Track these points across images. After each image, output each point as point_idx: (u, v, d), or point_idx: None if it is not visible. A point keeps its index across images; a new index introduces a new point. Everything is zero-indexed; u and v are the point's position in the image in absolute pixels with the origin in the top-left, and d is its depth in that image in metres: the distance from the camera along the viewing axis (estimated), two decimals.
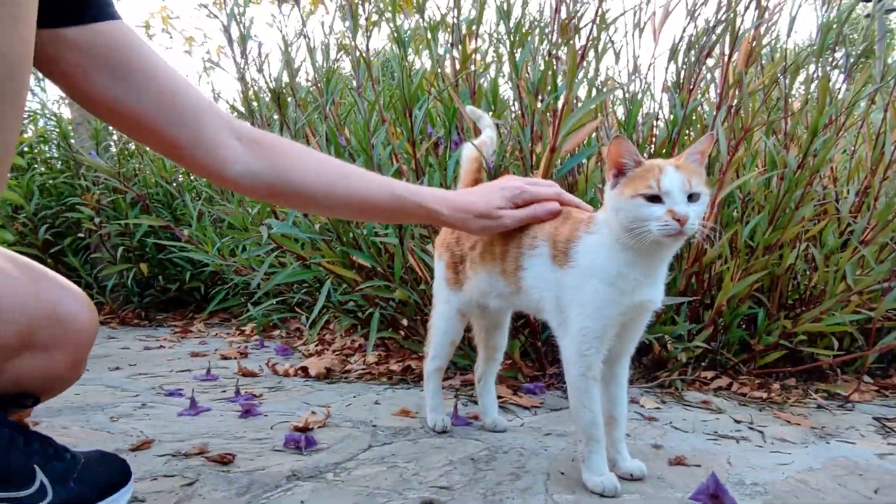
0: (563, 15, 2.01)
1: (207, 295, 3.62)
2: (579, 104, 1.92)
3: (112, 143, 3.99)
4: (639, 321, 1.08)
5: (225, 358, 2.36)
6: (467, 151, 1.41)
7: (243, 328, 3.17)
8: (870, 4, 3.02)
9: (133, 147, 4.11)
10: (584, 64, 2.23)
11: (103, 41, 0.82)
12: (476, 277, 1.25)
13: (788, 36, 2.15)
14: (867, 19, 2.57)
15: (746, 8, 1.81)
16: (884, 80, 1.98)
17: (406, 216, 1.15)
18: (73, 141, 3.88)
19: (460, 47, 2.08)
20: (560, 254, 1.07)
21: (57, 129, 3.96)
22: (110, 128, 4.06)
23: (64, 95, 4.25)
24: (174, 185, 3.79)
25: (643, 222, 0.95)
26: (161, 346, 2.70)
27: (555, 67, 1.84)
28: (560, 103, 1.62)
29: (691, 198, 0.95)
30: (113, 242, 3.66)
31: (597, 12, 1.89)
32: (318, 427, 1.38)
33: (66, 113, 4.47)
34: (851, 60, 2.00)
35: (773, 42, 2.20)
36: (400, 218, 1.17)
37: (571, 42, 1.50)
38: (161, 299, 3.78)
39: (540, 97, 1.93)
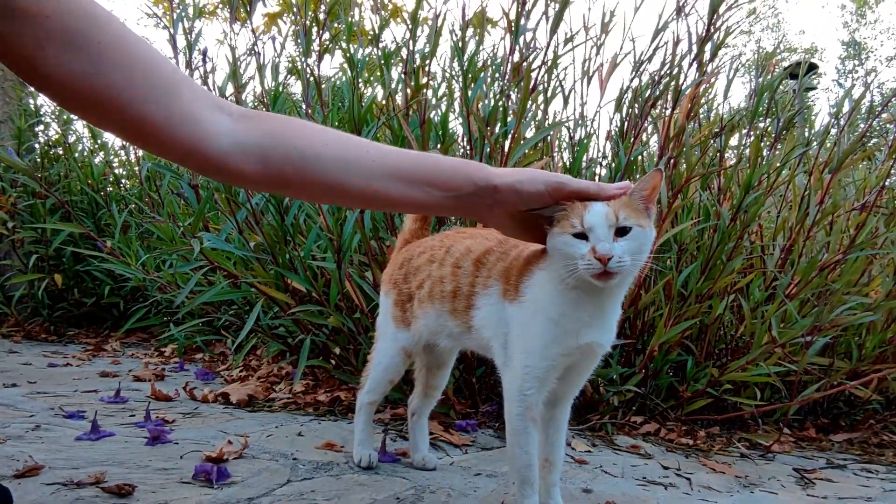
0: (517, 57, 2.06)
1: (127, 311, 3.40)
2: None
3: (37, 146, 3.75)
4: (585, 364, 1.05)
5: (139, 379, 2.20)
6: None
7: (163, 349, 2.98)
8: (792, 82, 3.27)
9: (59, 151, 3.87)
10: (534, 107, 2.29)
11: (60, 7, 0.69)
12: (425, 317, 1.20)
13: (725, 98, 2.28)
14: (793, 93, 2.76)
15: (690, 65, 1.90)
16: (808, 145, 2.11)
17: (445, 185, 0.90)
18: None
19: (413, 79, 2.07)
20: (511, 288, 1.03)
21: None
22: (36, 128, 3.83)
23: None
24: (101, 194, 3.58)
25: (571, 260, 0.92)
26: (68, 364, 2.49)
27: (506, 105, 1.86)
28: (509, 139, 1.63)
29: (621, 232, 0.91)
30: (26, 250, 3.40)
31: (545, 57, 1.94)
32: (234, 458, 1.28)
33: None
34: (781, 124, 2.12)
35: (710, 101, 2.32)
36: (438, 189, 0.90)
37: (526, 75, 1.52)
38: (74, 314, 3.52)
39: (489, 131, 1.95)
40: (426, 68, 2.04)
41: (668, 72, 1.97)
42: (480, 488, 1.24)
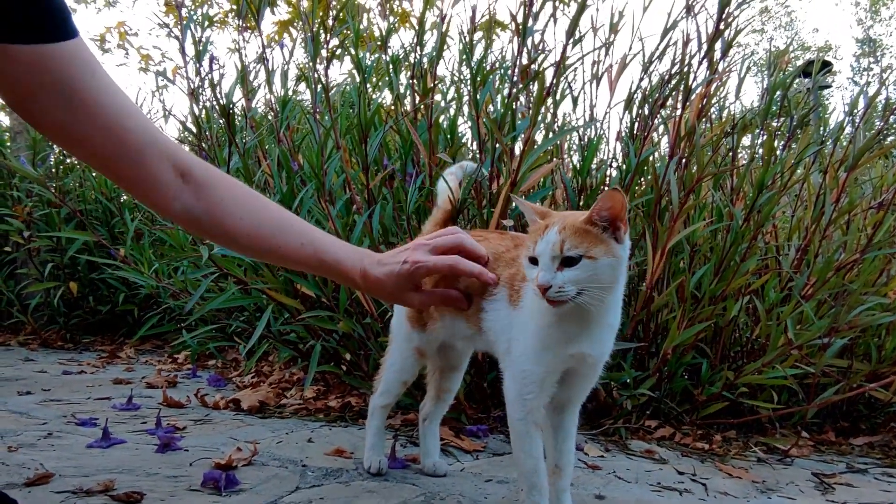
0: (525, 60, 2.04)
1: (141, 319, 3.42)
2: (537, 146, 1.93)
3: (51, 156, 3.80)
4: (583, 371, 1.03)
5: (151, 386, 2.21)
6: (442, 195, 1.43)
7: (176, 356, 3.00)
8: (806, 80, 3.22)
9: (74, 161, 3.92)
10: (543, 109, 2.27)
11: (58, 65, 0.77)
12: (441, 319, 1.21)
13: (737, 97, 2.25)
14: (807, 93, 2.72)
15: (700, 63, 1.88)
16: (823, 143, 2.08)
17: (328, 276, 1.27)
18: (9, 148, 3.67)
19: (421, 83, 2.07)
20: (514, 293, 1.05)
21: None
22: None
23: (3, 103, 4.06)
24: (115, 202, 3.62)
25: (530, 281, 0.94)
26: (82, 372, 2.51)
27: (514, 107, 1.85)
28: (522, 138, 1.62)
29: (568, 262, 0.90)
30: (42, 258, 3.44)
31: (555, 59, 1.93)
32: (243, 465, 1.28)
33: (6, 121, 4.26)
34: (794, 122, 2.08)
35: (721, 101, 2.29)
36: (323, 274, 1.35)
37: (539, 79, 1.51)
38: (89, 321, 3.55)
39: (500, 135, 1.93)
40: (433, 71, 2.04)
41: (679, 70, 1.95)
42: (491, 494, 1.22)
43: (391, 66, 2.14)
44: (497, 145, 1.78)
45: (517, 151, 1.90)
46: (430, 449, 1.36)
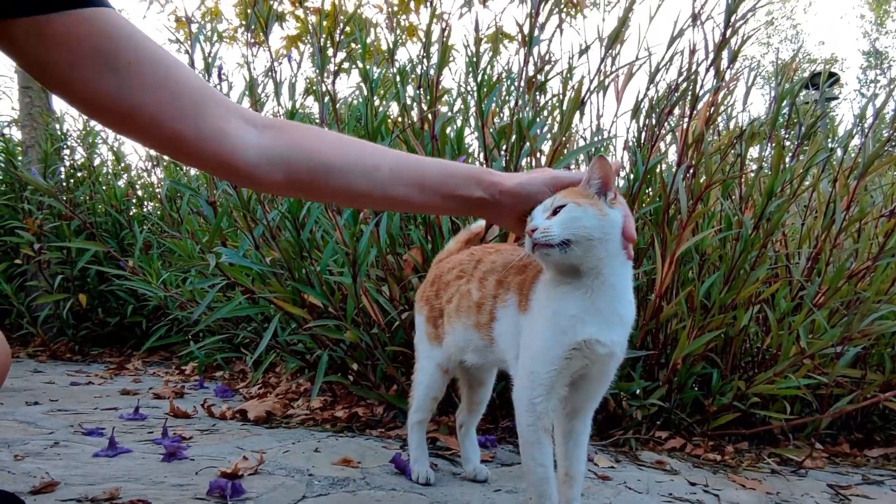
0: (531, 71, 2.05)
1: (149, 331, 3.43)
2: (524, 158, 1.92)
3: (62, 169, 3.84)
4: (596, 371, 1.01)
5: (158, 397, 2.20)
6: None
7: (184, 367, 2.99)
8: (813, 91, 3.21)
9: (84, 174, 3.96)
10: (550, 120, 2.27)
11: (91, 29, 0.71)
12: (453, 332, 1.22)
13: (744, 107, 2.25)
14: (814, 103, 2.71)
15: (707, 71, 1.87)
16: (832, 151, 2.06)
17: (456, 193, 0.93)
18: (21, 161, 3.71)
19: (427, 93, 2.08)
20: (524, 299, 1.05)
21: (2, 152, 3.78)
22: (62, 152, 3.92)
23: (16, 117, 4.11)
24: (124, 214, 3.64)
25: None
26: (90, 383, 2.51)
27: (521, 115, 1.85)
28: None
29: (556, 211, 0.94)
30: (52, 271, 3.46)
31: (564, 70, 1.94)
32: (249, 474, 1.27)
33: (17, 135, 4.31)
34: (803, 131, 2.07)
35: (728, 110, 2.29)
36: (450, 196, 0.94)
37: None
38: (98, 333, 3.56)
39: (505, 147, 1.94)
40: (438, 80, 2.05)
41: (686, 79, 1.95)
42: None
43: (398, 78, 2.16)
44: (504, 152, 1.78)
45: (523, 162, 1.91)
46: (469, 455, 1.39)
